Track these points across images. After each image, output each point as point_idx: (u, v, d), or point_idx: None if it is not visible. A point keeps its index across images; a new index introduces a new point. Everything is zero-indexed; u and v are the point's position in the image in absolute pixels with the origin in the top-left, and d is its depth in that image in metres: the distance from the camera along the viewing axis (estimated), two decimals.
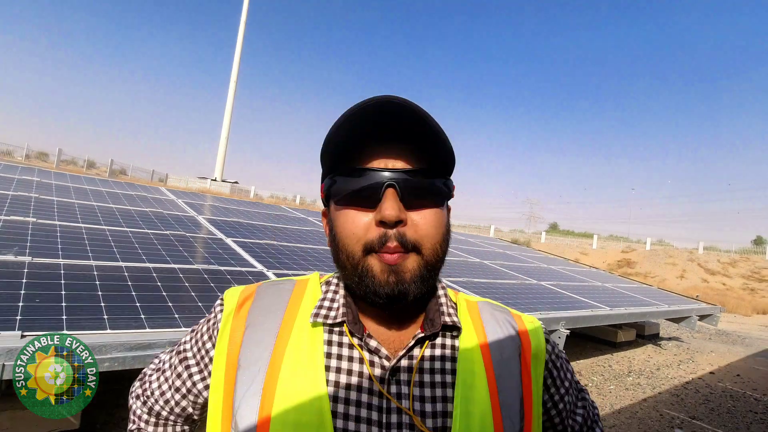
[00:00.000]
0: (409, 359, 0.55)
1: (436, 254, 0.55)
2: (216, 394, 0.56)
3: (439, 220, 0.55)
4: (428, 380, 0.54)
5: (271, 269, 3.14)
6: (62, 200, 3.96)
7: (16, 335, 1.51)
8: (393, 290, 0.52)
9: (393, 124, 0.52)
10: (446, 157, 0.56)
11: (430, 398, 0.53)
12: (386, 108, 0.51)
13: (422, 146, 0.55)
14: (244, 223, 4.91)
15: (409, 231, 0.52)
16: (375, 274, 0.52)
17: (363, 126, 0.52)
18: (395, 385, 0.53)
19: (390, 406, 0.52)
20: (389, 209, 0.51)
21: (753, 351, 6.59)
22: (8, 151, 24.84)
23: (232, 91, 28.81)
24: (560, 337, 3.65)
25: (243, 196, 21.43)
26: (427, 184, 0.54)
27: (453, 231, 5.93)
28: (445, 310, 0.59)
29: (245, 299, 0.60)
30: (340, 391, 0.52)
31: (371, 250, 0.52)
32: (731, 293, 15.75)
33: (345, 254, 0.54)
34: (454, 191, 0.60)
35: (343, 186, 0.54)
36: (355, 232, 0.53)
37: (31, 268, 2.16)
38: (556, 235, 31.61)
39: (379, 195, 0.52)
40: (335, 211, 0.56)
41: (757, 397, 4.27)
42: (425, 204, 0.54)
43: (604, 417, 3.43)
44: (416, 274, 0.53)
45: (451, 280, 4.13)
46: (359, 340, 0.55)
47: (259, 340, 0.55)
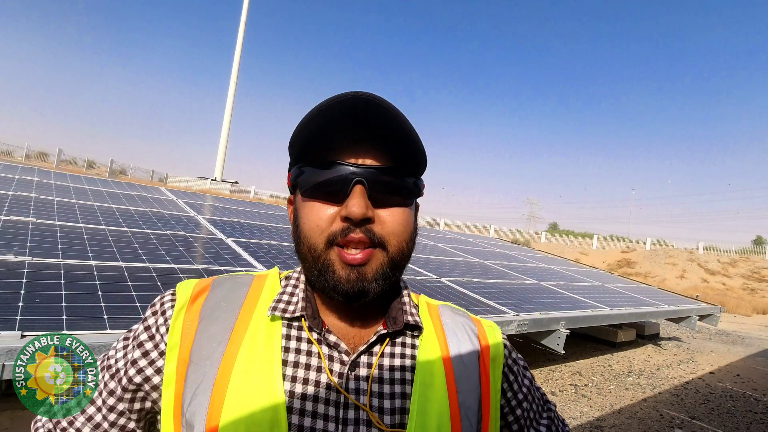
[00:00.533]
0: (369, 355, 0.55)
1: (402, 252, 0.54)
2: (167, 391, 0.53)
3: (407, 219, 0.55)
4: (387, 377, 0.54)
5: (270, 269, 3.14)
6: (62, 200, 3.96)
7: (16, 335, 1.51)
8: (353, 288, 0.51)
9: (366, 121, 0.52)
10: (417, 156, 0.55)
11: (389, 395, 0.53)
12: (361, 105, 0.50)
13: (394, 144, 0.54)
14: (244, 223, 4.91)
15: (376, 227, 0.52)
16: (335, 270, 0.51)
17: (336, 120, 0.52)
18: (354, 381, 0.53)
19: (348, 402, 0.51)
20: (356, 206, 0.50)
21: (753, 351, 6.59)
22: (8, 151, 24.85)
23: (232, 91, 28.81)
24: (560, 337, 3.66)
25: (243, 196, 21.43)
26: (397, 182, 0.53)
27: (453, 231, 5.95)
28: (408, 309, 0.59)
29: (199, 292, 0.58)
30: (297, 386, 0.51)
31: (333, 243, 0.51)
32: (731, 293, 15.76)
33: (306, 246, 0.53)
34: (424, 190, 0.60)
35: (310, 177, 0.53)
36: (318, 225, 0.52)
37: (31, 268, 2.16)
38: (556, 235, 31.61)
39: (347, 190, 0.51)
40: (301, 201, 0.55)
41: (757, 397, 4.27)
42: (394, 202, 0.53)
43: (604, 417, 3.43)
44: (379, 272, 0.52)
45: (451, 280, 4.13)
46: (318, 335, 0.54)
47: (213, 334, 0.53)
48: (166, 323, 0.56)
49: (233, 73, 28.78)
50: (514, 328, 3.24)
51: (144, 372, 0.55)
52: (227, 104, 28.88)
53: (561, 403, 3.62)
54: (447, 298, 3.44)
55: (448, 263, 5.17)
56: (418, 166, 0.57)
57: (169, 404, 0.52)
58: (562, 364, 4.74)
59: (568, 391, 3.92)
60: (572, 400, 3.71)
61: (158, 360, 0.55)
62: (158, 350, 0.55)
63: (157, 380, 0.55)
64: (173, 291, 0.59)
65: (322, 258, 0.52)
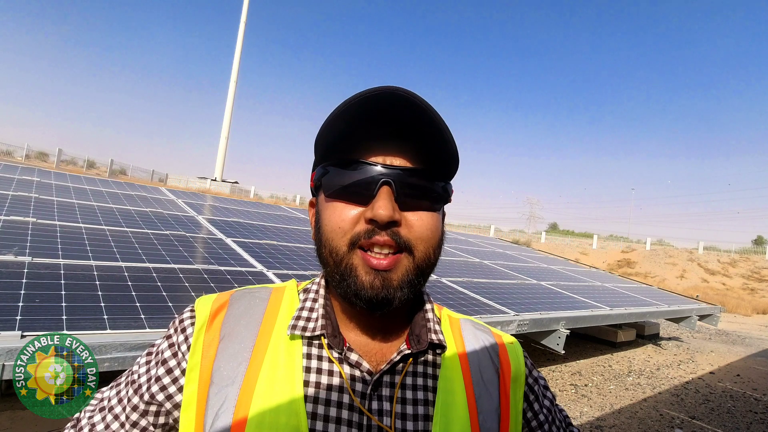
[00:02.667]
0: (392, 374, 0.53)
1: (429, 259, 0.51)
2: (188, 412, 0.51)
3: (436, 224, 0.52)
4: (410, 397, 0.52)
5: (271, 269, 3.14)
6: (62, 200, 3.96)
7: (16, 335, 1.51)
8: (377, 295, 0.48)
9: (395, 119, 0.49)
10: (449, 158, 0.52)
11: (412, 416, 0.51)
12: (390, 100, 0.48)
13: (425, 144, 0.51)
14: (244, 223, 4.91)
15: (403, 230, 0.49)
16: (359, 275, 0.49)
17: (363, 116, 0.49)
18: (377, 401, 0.51)
19: (371, 424, 0.49)
20: (382, 208, 0.47)
21: (753, 351, 6.59)
22: (8, 151, 24.85)
23: (232, 91, 28.82)
24: (560, 337, 3.66)
25: (243, 196, 21.43)
26: (426, 185, 0.51)
27: (453, 231, 5.96)
28: (432, 326, 0.57)
29: (218, 309, 0.56)
30: (319, 407, 0.49)
31: (357, 245, 0.49)
32: (731, 293, 15.75)
33: (328, 249, 0.51)
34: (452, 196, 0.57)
35: (335, 177, 0.51)
36: (341, 227, 0.49)
37: (31, 268, 2.16)
38: (556, 235, 31.62)
39: (374, 192, 0.48)
40: (324, 202, 0.53)
41: (757, 397, 4.27)
42: (422, 206, 0.51)
43: (604, 417, 3.43)
44: (405, 279, 0.49)
45: (451, 280, 4.13)
46: (339, 354, 0.52)
47: (233, 354, 0.52)
48: (187, 341, 0.55)
49: (233, 73, 28.79)
50: (514, 328, 3.24)
51: (167, 389, 0.54)
52: (227, 104, 28.90)
53: (561, 403, 3.62)
54: (447, 298, 3.44)
55: (448, 263, 5.17)
56: (449, 169, 0.54)
57: (190, 425, 0.51)
58: (562, 364, 4.74)
59: (568, 391, 3.92)
60: (572, 400, 3.71)
61: (180, 378, 0.54)
62: (180, 368, 0.54)
63: (179, 398, 0.54)
64: (192, 308, 0.58)
65: (345, 261, 0.50)
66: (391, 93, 0.47)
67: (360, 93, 0.48)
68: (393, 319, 0.56)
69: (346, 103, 0.49)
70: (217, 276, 2.71)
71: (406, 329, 0.57)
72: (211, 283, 2.55)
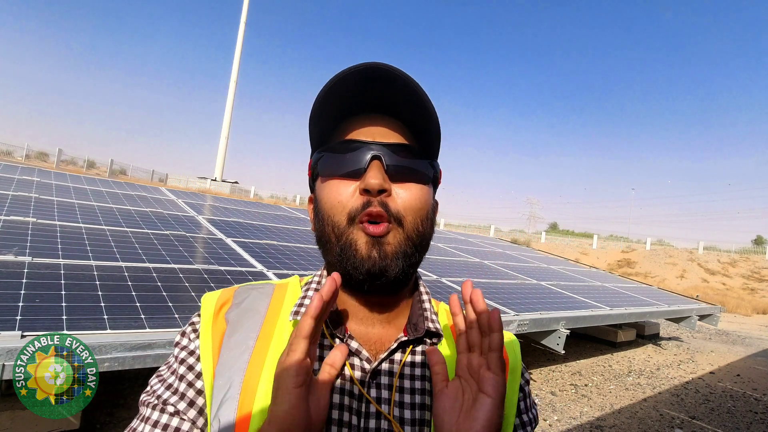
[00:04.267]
0: (390, 363, 0.54)
1: (418, 230, 0.54)
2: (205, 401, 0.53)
3: (424, 196, 0.55)
4: (408, 386, 0.53)
5: (271, 269, 3.14)
6: (62, 200, 3.96)
7: (16, 335, 1.51)
8: (375, 265, 0.51)
9: (379, 92, 0.52)
10: (433, 135, 0.56)
11: (410, 405, 0.52)
12: (371, 75, 0.50)
13: (410, 120, 0.55)
14: (244, 223, 4.91)
15: (392, 202, 0.52)
16: (359, 248, 0.51)
17: (349, 96, 0.52)
18: (375, 389, 0.52)
19: (369, 410, 0.50)
20: (373, 177, 0.51)
21: (753, 351, 6.59)
22: (8, 151, 24.85)
23: (232, 91, 28.82)
24: (560, 336, 3.66)
25: (243, 196, 21.42)
26: (414, 160, 0.54)
27: (453, 231, 5.93)
28: (429, 315, 0.58)
29: (223, 303, 0.59)
30: None
31: (355, 219, 0.52)
32: (731, 293, 15.75)
33: (330, 225, 0.53)
34: (441, 177, 0.60)
35: (329, 160, 0.54)
36: (340, 200, 0.53)
37: (31, 268, 2.16)
38: (556, 235, 31.62)
39: (365, 166, 0.52)
40: (320, 185, 0.56)
41: (757, 397, 4.27)
42: (410, 178, 0.54)
43: (604, 417, 3.43)
44: (399, 250, 0.52)
45: (451, 280, 4.13)
46: (340, 341, 0.54)
47: (238, 342, 0.54)
48: (196, 333, 0.57)
49: (233, 73, 28.78)
50: (514, 328, 3.24)
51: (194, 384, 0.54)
52: (227, 104, 28.89)
53: (561, 402, 3.62)
54: (447, 298, 3.44)
55: (448, 263, 5.17)
56: (434, 148, 0.57)
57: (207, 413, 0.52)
58: (562, 364, 4.74)
59: (568, 391, 3.92)
60: (572, 400, 3.71)
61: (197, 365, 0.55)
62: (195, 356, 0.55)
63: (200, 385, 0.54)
64: (199, 313, 0.59)
65: (345, 235, 0.52)
66: (373, 68, 0.50)
67: (342, 71, 0.51)
68: (392, 310, 0.58)
69: (329, 84, 0.52)
70: (217, 276, 2.71)
71: (404, 320, 0.59)
72: (212, 283, 2.55)
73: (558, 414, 3.38)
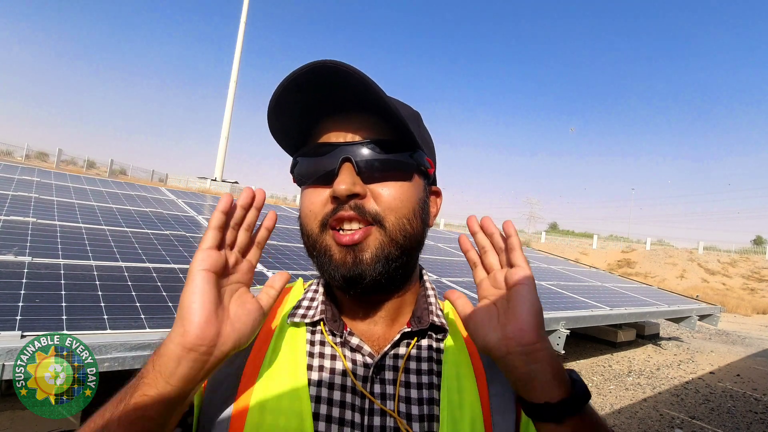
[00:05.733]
0: (394, 358, 0.52)
1: (403, 229, 0.50)
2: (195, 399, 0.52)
3: (406, 192, 0.52)
4: (414, 381, 0.51)
5: (271, 269, 3.14)
6: (62, 200, 3.96)
7: (16, 335, 1.51)
8: (349, 271, 0.49)
9: (333, 91, 0.49)
10: (403, 127, 0.51)
11: (416, 400, 0.50)
12: (319, 74, 0.47)
13: (377, 116, 0.51)
14: None
15: (368, 203, 0.49)
16: (333, 254, 0.50)
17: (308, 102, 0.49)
18: (379, 384, 0.50)
19: (373, 407, 0.49)
20: (340, 183, 0.48)
21: (753, 351, 6.59)
22: (8, 151, 24.86)
23: (232, 91, 28.80)
24: (560, 336, 3.65)
25: None
26: (389, 156, 0.51)
27: (453, 231, 5.91)
28: (434, 309, 0.57)
29: None
30: (323, 391, 0.49)
31: (326, 225, 0.50)
32: (731, 293, 15.76)
33: (305, 234, 0.53)
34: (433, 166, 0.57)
35: (303, 166, 0.53)
36: (312, 210, 0.51)
37: (31, 268, 2.16)
38: (556, 235, 31.63)
39: (336, 170, 0.49)
40: (301, 192, 0.55)
41: (757, 397, 4.27)
42: (389, 176, 0.51)
43: (604, 417, 3.43)
44: (379, 254, 0.49)
45: (451, 280, 4.13)
46: (339, 338, 0.53)
47: None
48: None
49: (233, 73, 28.77)
50: None
51: None
52: (227, 104, 28.87)
53: None
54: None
55: (448, 263, 5.17)
56: (412, 139, 0.52)
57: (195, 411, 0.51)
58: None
59: None
60: None
61: None
62: None
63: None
64: None
65: (318, 243, 0.51)
66: (320, 66, 0.46)
67: (289, 75, 0.47)
68: (395, 306, 0.56)
69: (278, 90, 0.49)
70: None
71: (408, 317, 0.57)
72: None
73: None
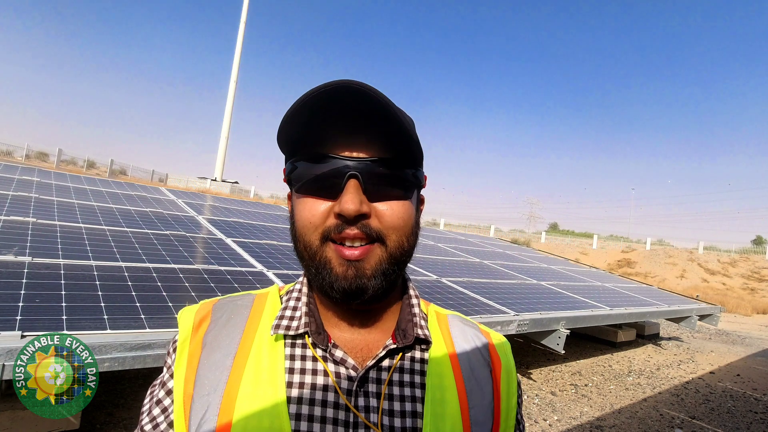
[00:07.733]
0: (378, 371, 0.52)
1: (402, 247, 0.52)
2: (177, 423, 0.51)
3: (407, 212, 0.52)
4: (398, 393, 0.51)
5: (271, 269, 3.14)
6: (62, 200, 3.96)
7: (16, 335, 1.51)
8: (351, 285, 0.49)
9: (359, 112, 0.49)
10: (412, 146, 0.52)
11: (400, 413, 0.50)
12: (351, 93, 0.47)
13: (387, 135, 0.51)
14: (244, 223, 4.91)
15: (374, 222, 0.50)
16: (333, 267, 0.49)
17: (327, 111, 0.49)
18: (363, 397, 0.50)
19: (357, 421, 0.48)
20: (349, 202, 0.47)
21: (753, 351, 6.60)
22: (8, 151, 24.84)
23: (232, 91, 28.81)
24: (560, 336, 3.66)
25: (243, 196, 21.41)
26: (395, 174, 0.51)
27: (453, 231, 5.94)
28: (418, 321, 0.56)
29: (201, 320, 0.56)
30: (303, 407, 0.48)
31: (329, 238, 0.50)
32: (731, 293, 15.75)
33: (302, 244, 0.52)
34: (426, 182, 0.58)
35: (304, 172, 0.51)
36: (312, 222, 0.50)
37: (31, 268, 2.16)
38: (556, 235, 31.62)
39: (341, 185, 0.49)
40: (296, 198, 0.54)
41: (757, 397, 4.27)
42: (392, 195, 0.51)
43: (604, 417, 3.43)
44: (378, 269, 0.50)
45: (451, 280, 4.13)
46: (323, 352, 0.52)
47: (216, 362, 0.52)
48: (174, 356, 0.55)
49: (233, 73, 28.77)
50: (514, 328, 3.23)
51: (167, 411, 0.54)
52: (227, 104, 28.88)
53: (561, 402, 3.62)
54: (447, 298, 3.44)
55: (448, 263, 5.17)
56: (415, 156, 0.54)
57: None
58: (562, 364, 4.73)
59: (568, 391, 3.92)
60: (572, 400, 3.71)
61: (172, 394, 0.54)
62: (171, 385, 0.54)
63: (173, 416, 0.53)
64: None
65: (319, 255, 0.50)
66: (345, 86, 0.47)
67: (319, 87, 0.48)
68: (378, 315, 0.56)
69: (306, 97, 0.48)
70: (217, 276, 2.70)
71: (392, 325, 0.57)
72: (211, 283, 2.55)
73: (558, 414, 3.38)
